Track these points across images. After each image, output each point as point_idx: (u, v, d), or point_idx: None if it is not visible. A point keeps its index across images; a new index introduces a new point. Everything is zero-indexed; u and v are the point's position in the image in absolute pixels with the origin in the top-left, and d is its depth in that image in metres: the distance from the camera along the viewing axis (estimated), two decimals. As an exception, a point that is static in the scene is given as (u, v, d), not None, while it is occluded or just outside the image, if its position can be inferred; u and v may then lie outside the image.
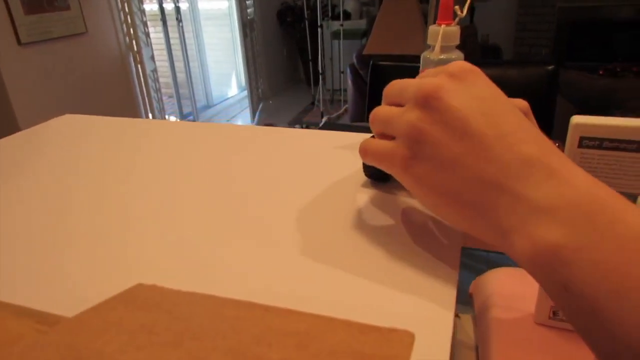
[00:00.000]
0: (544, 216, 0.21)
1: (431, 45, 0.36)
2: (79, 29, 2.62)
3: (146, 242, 0.31)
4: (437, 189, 0.25)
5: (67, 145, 0.50)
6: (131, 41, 2.86)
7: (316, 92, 4.41)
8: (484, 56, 3.88)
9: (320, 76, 4.28)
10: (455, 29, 0.36)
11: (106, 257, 0.30)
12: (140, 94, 2.99)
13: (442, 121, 0.24)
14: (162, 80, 3.53)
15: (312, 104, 4.65)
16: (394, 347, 0.17)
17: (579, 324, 0.20)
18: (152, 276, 0.28)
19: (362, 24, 4.53)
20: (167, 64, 3.82)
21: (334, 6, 4.58)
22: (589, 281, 0.19)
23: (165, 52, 3.79)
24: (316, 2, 4.13)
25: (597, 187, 0.21)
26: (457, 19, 0.35)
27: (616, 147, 0.30)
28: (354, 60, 3.06)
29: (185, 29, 3.93)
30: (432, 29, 0.36)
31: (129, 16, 2.80)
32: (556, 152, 0.23)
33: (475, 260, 1.73)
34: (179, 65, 3.97)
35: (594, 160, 0.31)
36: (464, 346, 0.39)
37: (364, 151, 0.29)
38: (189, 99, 4.05)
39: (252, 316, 0.20)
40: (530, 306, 0.36)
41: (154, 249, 0.31)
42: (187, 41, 3.97)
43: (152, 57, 3.09)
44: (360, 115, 2.78)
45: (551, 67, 1.81)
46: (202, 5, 4.25)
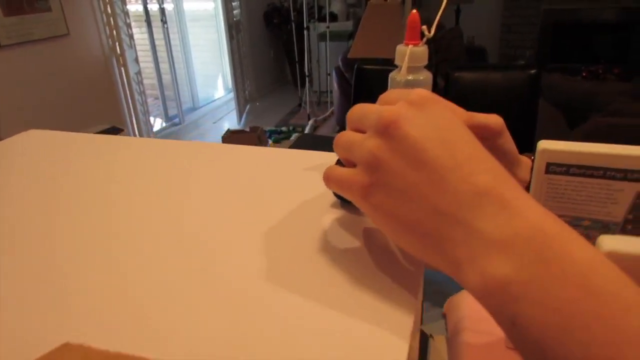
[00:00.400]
0: (495, 250, 0.21)
1: (399, 65, 0.36)
2: (60, 31, 2.58)
3: (79, 288, 0.29)
4: (395, 218, 0.24)
5: (26, 165, 0.48)
6: (114, 43, 2.82)
7: (303, 94, 4.40)
8: (470, 58, 3.90)
9: (306, 78, 4.27)
10: (422, 49, 0.35)
11: (32, 309, 0.27)
12: (123, 97, 2.95)
13: (399, 150, 0.24)
14: (147, 82, 3.49)
15: (299, 105, 4.64)
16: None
17: (528, 357, 0.20)
18: (84, 331, 0.25)
19: (348, 25, 4.53)
20: (152, 65, 3.78)
21: (320, 8, 4.57)
22: (536, 317, 0.19)
23: (150, 54, 3.75)
24: (303, 3, 4.12)
25: (548, 220, 0.21)
26: (425, 39, 0.35)
27: (583, 174, 0.30)
28: (339, 63, 3.06)
29: (170, 31, 3.89)
30: (399, 49, 0.35)
31: (111, 18, 2.76)
32: (510, 183, 0.23)
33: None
34: (165, 67, 3.93)
35: (562, 186, 0.31)
36: (436, 369, 0.39)
37: (327, 178, 0.29)
38: (175, 100, 4.02)
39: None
40: (501, 330, 0.35)
41: (88, 296, 0.28)
42: (172, 42, 3.93)
43: (136, 59, 3.06)
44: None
45: (534, 70, 1.82)
46: (187, 6, 4.21)
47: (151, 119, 3.59)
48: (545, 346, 0.19)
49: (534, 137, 1.87)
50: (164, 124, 3.94)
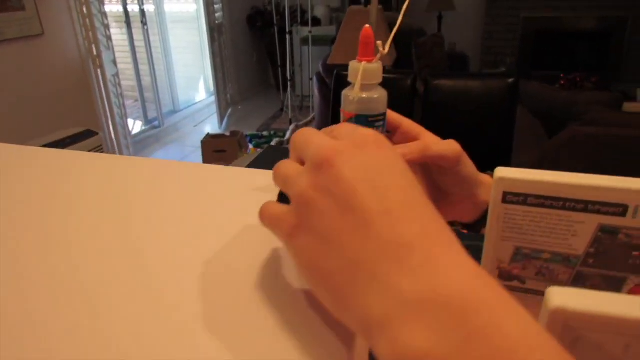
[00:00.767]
0: (411, 313, 0.18)
1: (352, 82, 0.33)
2: (34, 31, 2.51)
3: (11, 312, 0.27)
4: (312, 265, 0.22)
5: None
6: (90, 45, 2.75)
7: (285, 98, 4.37)
8: (451, 64, 3.92)
9: (289, 82, 4.24)
10: (376, 66, 0.32)
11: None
12: (99, 100, 2.88)
13: (329, 190, 0.22)
14: (127, 84, 3.41)
15: (282, 110, 4.61)
16: None
17: None
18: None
19: (331, 30, 4.51)
20: (132, 66, 3.71)
21: (303, 12, 4.55)
22: None
23: (130, 55, 3.68)
24: (286, 7, 4.10)
25: (478, 283, 0.18)
26: (379, 55, 0.32)
27: (542, 204, 0.28)
28: (320, 68, 3.04)
29: (151, 32, 3.82)
30: (352, 65, 0.33)
31: (87, 19, 2.69)
32: (443, 236, 0.20)
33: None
34: (144, 68, 3.86)
35: (519, 216, 0.29)
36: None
37: (261, 215, 0.26)
38: (155, 103, 3.95)
39: None
40: None
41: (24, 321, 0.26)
42: (153, 44, 3.87)
43: (114, 61, 2.99)
44: (327, 124, 2.76)
45: (512, 79, 1.82)
46: (168, 7, 4.15)
47: (130, 121, 3.51)
48: None
49: (512, 146, 1.88)
50: (143, 127, 3.87)
